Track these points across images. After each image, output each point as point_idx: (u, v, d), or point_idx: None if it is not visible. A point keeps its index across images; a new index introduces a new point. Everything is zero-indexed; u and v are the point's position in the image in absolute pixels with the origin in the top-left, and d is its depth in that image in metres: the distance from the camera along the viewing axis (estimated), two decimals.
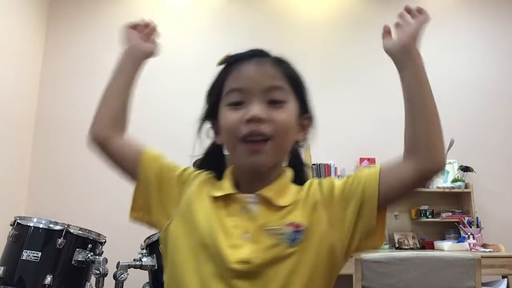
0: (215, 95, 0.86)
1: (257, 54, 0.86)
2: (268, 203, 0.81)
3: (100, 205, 3.42)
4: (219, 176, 0.88)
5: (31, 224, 2.01)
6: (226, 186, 0.83)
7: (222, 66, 0.88)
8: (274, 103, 0.81)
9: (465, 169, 3.53)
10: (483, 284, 2.24)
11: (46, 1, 3.85)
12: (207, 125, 0.89)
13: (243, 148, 0.79)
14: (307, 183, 0.87)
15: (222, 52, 0.88)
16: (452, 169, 3.61)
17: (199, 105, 0.91)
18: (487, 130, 3.77)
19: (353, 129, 3.68)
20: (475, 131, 3.76)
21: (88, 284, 2.08)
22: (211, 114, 0.87)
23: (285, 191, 0.84)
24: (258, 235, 0.78)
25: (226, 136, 0.82)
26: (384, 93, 3.80)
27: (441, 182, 3.55)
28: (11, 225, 2.06)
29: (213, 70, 0.88)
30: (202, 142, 0.90)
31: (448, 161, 3.62)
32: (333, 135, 3.64)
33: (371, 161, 3.59)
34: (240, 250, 0.76)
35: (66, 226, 2.02)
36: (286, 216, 0.80)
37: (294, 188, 0.86)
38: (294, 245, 0.76)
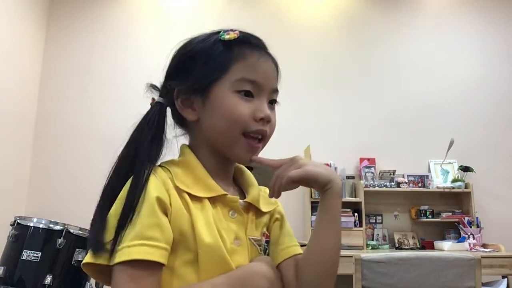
0: (215, 72, 0.78)
1: (265, 47, 0.83)
2: (253, 208, 0.81)
3: None
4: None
5: (31, 224, 2.01)
6: (211, 185, 0.77)
7: (226, 40, 0.80)
8: (272, 104, 0.81)
9: (465, 169, 3.53)
10: (483, 284, 2.24)
11: (46, 1, 3.85)
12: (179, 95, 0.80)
13: (244, 143, 0.77)
14: (263, 189, 0.88)
15: None
16: (452, 169, 3.61)
17: None
18: (487, 130, 3.77)
19: (353, 129, 3.68)
20: (475, 131, 3.76)
21: (88, 284, 2.08)
22: (197, 88, 0.79)
23: (260, 194, 0.85)
24: (245, 243, 0.78)
25: (228, 125, 0.76)
26: (384, 93, 3.80)
27: (441, 182, 3.55)
28: (11, 225, 2.06)
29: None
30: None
31: (448, 161, 3.62)
32: (333, 135, 3.64)
33: (371, 161, 3.59)
34: (237, 257, 0.75)
35: (66, 226, 2.02)
36: (263, 225, 0.83)
37: (262, 192, 0.86)
38: (266, 254, 0.81)
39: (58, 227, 2.01)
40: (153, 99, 0.87)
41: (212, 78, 0.77)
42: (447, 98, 3.81)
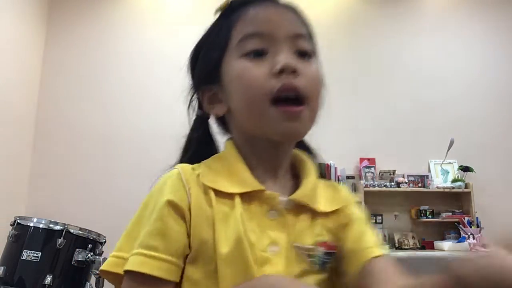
0: (217, 50, 0.66)
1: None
2: (302, 207, 0.65)
3: (100, 205, 3.42)
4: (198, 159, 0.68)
5: (31, 224, 2.01)
6: (245, 178, 0.63)
7: (221, 14, 0.71)
8: (303, 56, 0.65)
9: (465, 169, 3.53)
10: None
11: (46, 1, 3.85)
12: (195, 96, 0.72)
13: (276, 112, 0.60)
14: (335, 186, 0.71)
15: None
16: (452, 169, 3.61)
17: None
18: (487, 130, 3.77)
19: (353, 129, 3.68)
20: (475, 131, 3.76)
21: (88, 284, 2.08)
22: (208, 77, 0.68)
23: (317, 190, 0.67)
24: (288, 252, 0.61)
25: (246, 97, 0.62)
26: (384, 93, 3.80)
27: (441, 182, 3.55)
28: (11, 225, 2.06)
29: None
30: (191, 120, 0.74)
31: (448, 161, 3.62)
32: (333, 135, 3.64)
33: (371, 161, 3.59)
34: (269, 268, 0.59)
35: (66, 226, 2.02)
36: (322, 231, 0.65)
37: (324, 187, 0.70)
38: (324, 270, 0.63)
39: (58, 227, 2.01)
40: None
41: (217, 55, 0.67)
42: (447, 98, 3.81)
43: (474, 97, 3.83)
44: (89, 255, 2.04)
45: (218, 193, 0.62)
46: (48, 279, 1.92)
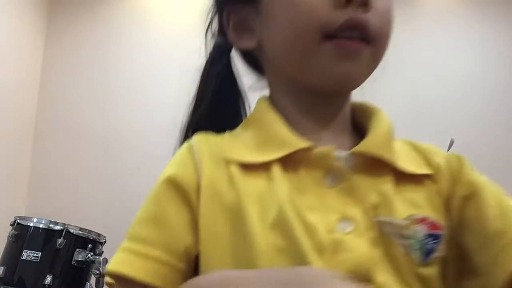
0: None
1: None
2: (375, 165, 0.45)
3: (100, 205, 3.42)
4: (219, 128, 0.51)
5: (31, 224, 2.01)
6: (285, 136, 0.45)
7: None
8: None
9: None
10: None
11: (46, 1, 3.85)
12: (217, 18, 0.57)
13: (329, 48, 0.45)
14: (425, 145, 0.53)
15: None
16: None
17: None
18: (487, 130, 3.77)
19: None
20: (475, 131, 3.76)
21: (88, 284, 2.08)
22: None
23: (393, 143, 0.49)
24: (365, 228, 0.42)
25: (294, 27, 0.46)
26: (384, 93, 3.79)
27: None
28: (11, 225, 2.06)
29: None
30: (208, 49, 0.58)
31: None
32: None
33: None
34: (346, 255, 0.39)
35: (66, 226, 2.02)
36: (418, 200, 0.45)
37: (403, 146, 0.52)
38: (429, 262, 0.42)
39: (58, 227, 2.01)
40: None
41: None
42: (447, 98, 3.81)
43: (474, 97, 3.84)
44: (89, 255, 2.04)
45: (247, 167, 0.45)
46: (48, 279, 1.91)
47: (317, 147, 0.45)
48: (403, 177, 0.46)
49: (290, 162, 0.44)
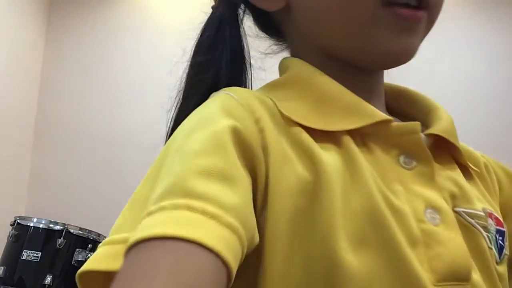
0: None
1: None
2: (441, 152, 0.40)
3: (100, 205, 3.42)
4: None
5: (31, 224, 2.01)
6: (358, 104, 0.38)
7: None
8: None
9: None
10: None
11: (47, 1, 3.85)
12: None
13: (389, 18, 0.38)
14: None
15: None
16: None
17: None
18: (487, 130, 3.77)
19: None
20: (475, 131, 3.75)
21: None
22: None
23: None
24: (453, 219, 0.36)
25: None
26: None
27: None
28: (11, 225, 2.06)
29: None
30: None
31: None
32: None
33: None
34: (439, 249, 0.33)
35: (66, 226, 2.02)
36: (484, 192, 0.42)
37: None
38: (502, 261, 0.38)
39: (58, 227, 2.01)
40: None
41: None
42: (447, 98, 3.80)
43: (474, 98, 3.84)
44: (89, 255, 2.04)
45: (313, 135, 0.35)
46: (48, 279, 1.91)
47: (393, 121, 0.38)
48: (464, 170, 0.42)
49: (361, 136, 0.37)
